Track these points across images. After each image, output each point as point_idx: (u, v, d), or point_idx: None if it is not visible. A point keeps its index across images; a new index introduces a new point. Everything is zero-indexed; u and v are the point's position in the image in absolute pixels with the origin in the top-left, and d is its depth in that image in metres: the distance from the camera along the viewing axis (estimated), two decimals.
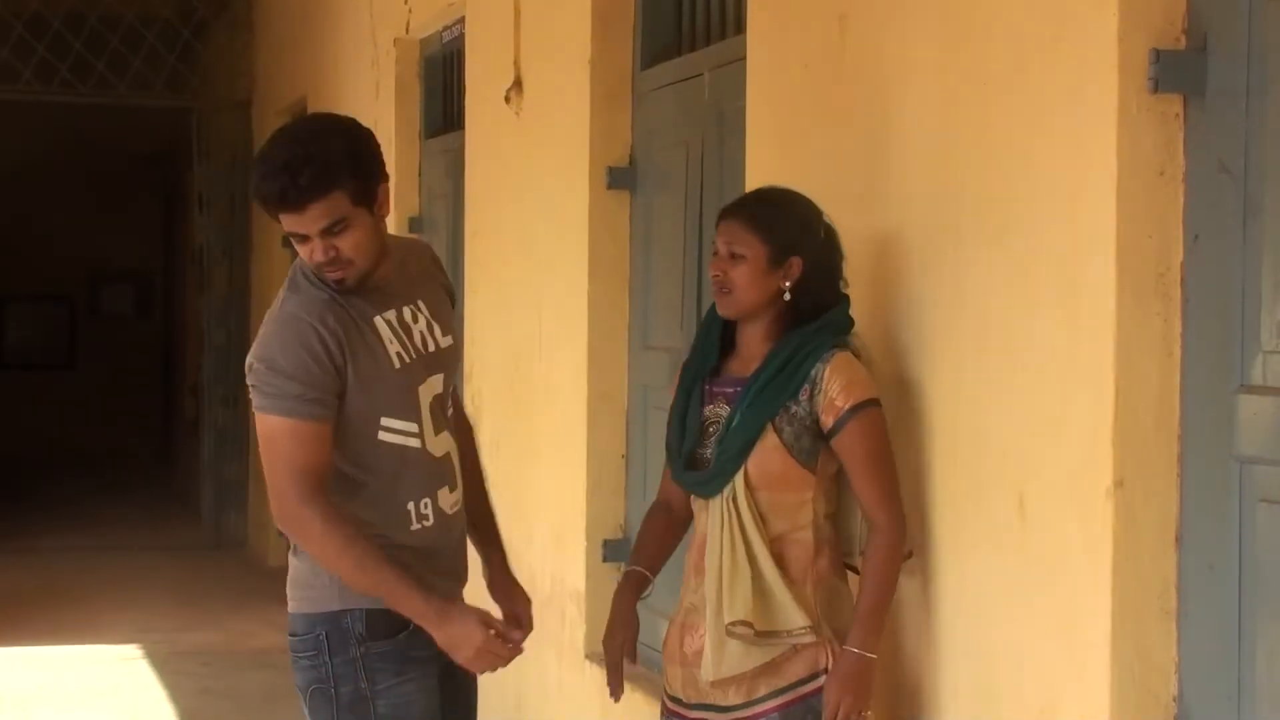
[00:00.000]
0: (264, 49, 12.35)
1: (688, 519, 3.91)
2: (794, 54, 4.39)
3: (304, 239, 3.61)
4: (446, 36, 7.98)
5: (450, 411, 3.85)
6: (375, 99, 8.69)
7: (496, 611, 3.87)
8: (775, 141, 4.51)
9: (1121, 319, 3.13)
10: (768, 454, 3.65)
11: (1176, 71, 3.10)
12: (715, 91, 5.21)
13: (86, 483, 16.48)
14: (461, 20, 7.48)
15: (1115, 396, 3.12)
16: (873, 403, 3.65)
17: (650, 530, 4.01)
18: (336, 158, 3.59)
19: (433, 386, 3.76)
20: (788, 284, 3.70)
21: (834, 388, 3.63)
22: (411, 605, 3.58)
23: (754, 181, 4.61)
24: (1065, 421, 3.27)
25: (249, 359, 3.65)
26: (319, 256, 3.61)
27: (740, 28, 5.00)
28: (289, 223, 3.60)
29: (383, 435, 3.67)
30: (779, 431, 3.65)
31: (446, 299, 3.93)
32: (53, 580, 11.05)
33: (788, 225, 3.74)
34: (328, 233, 3.58)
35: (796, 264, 3.70)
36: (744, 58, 4.74)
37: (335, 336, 3.61)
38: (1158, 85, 3.10)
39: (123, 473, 17.14)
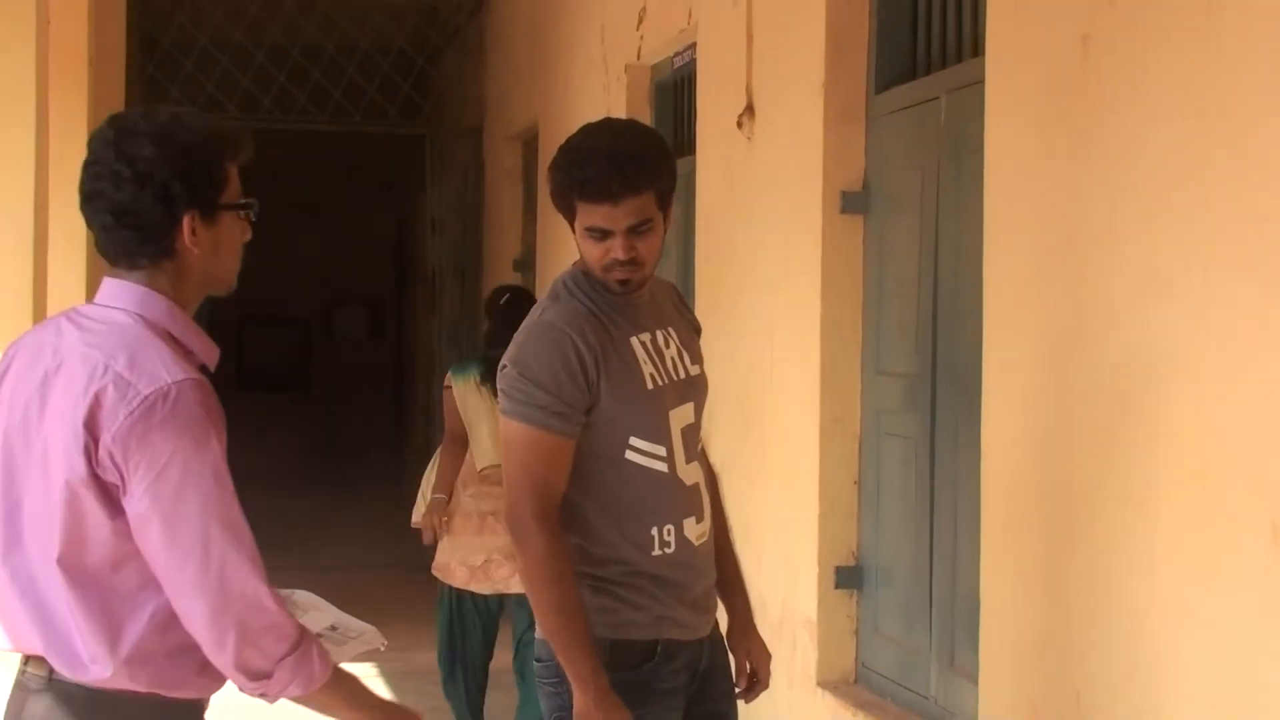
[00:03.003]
0: (495, 75, 12.50)
1: None
2: (1034, 76, 4.33)
3: (603, 235, 3.59)
4: (678, 62, 8.01)
5: (699, 445, 3.81)
6: None
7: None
8: (1014, 165, 4.46)
9: None
10: None
11: None
12: (952, 115, 5.16)
13: (320, 501, 16.78)
14: (693, 46, 7.50)
15: None
16: None
17: None
18: (656, 160, 3.62)
19: (684, 415, 3.72)
20: None
21: None
22: (580, 668, 3.51)
23: (993, 204, 4.56)
24: None
25: (503, 361, 3.65)
26: (619, 254, 3.59)
27: (978, 50, 4.95)
28: (597, 215, 3.58)
29: (630, 455, 3.63)
30: None
31: (693, 332, 3.92)
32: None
33: None
34: (633, 231, 3.58)
35: None
36: (982, 80, 4.69)
37: (592, 351, 3.58)
38: None
39: (356, 492, 17.43)
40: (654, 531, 3.64)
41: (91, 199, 2.85)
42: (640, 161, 3.56)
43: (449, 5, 13.55)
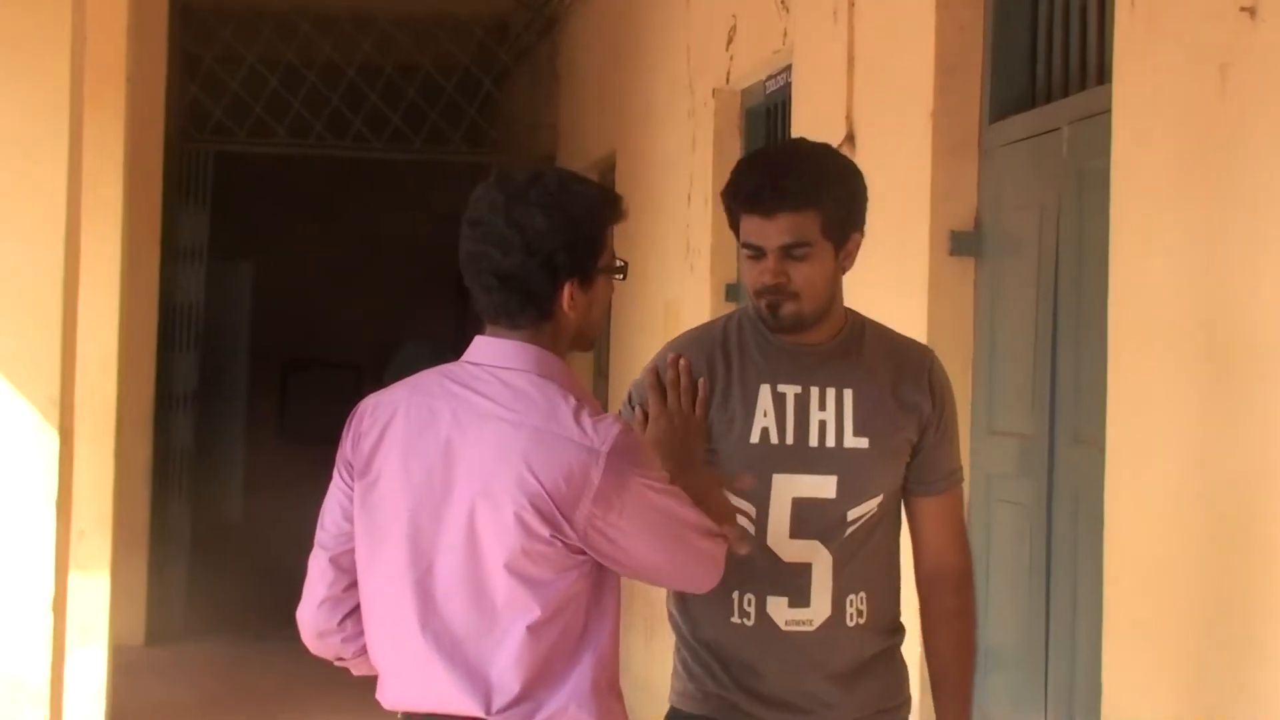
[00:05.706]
0: (569, 99, 12.57)
1: None
2: (1167, 107, 4.32)
3: (758, 255, 3.61)
4: (771, 86, 8.02)
5: (847, 530, 3.68)
6: (691, 152, 8.77)
7: None
8: (1144, 204, 4.44)
9: None
10: None
11: None
12: (1074, 147, 5.15)
13: None
14: (788, 69, 7.51)
15: None
16: None
17: None
18: (826, 179, 3.63)
19: (803, 485, 3.64)
20: None
21: None
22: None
23: (1120, 247, 4.54)
24: None
25: None
26: (766, 278, 3.60)
27: (1103, 77, 4.94)
28: (750, 228, 3.60)
29: None
30: None
31: (905, 413, 3.77)
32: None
33: None
34: (786, 253, 3.59)
35: None
36: (1108, 110, 4.67)
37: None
38: None
39: None
40: (735, 595, 3.64)
41: (475, 260, 3.28)
42: (804, 178, 3.57)
43: (519, 22, 13.61)
